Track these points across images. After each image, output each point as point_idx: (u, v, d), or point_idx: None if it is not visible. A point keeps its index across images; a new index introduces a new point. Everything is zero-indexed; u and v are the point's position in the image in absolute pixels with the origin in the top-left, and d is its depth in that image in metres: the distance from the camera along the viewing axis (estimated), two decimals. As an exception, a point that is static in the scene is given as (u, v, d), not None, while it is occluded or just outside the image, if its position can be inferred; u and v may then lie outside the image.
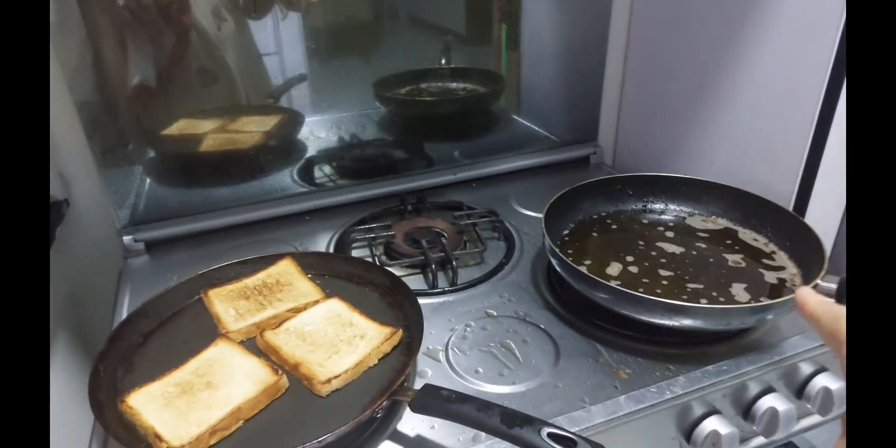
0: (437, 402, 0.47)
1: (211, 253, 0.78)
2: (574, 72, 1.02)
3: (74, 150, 0.74)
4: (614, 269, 0.69)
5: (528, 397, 0.56)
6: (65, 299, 0.74)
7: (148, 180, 0.85)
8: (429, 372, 0.59)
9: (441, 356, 0.61)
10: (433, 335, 0.64)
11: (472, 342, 0.63)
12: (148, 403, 0.50)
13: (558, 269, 0.65)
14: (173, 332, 0.61)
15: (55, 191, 0.74)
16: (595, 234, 0.76)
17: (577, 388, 0.57)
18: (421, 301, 0.68)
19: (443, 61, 1.02)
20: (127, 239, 0.78)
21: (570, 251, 0.72)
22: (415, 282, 0.73)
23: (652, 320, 0.58)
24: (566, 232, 0.76)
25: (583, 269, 0.62)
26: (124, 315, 0.63)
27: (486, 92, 1.06)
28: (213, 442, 0.48)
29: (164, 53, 0.77)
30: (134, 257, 0.79)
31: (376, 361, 0.56)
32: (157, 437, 0.47)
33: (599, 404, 0.55)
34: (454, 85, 1.05)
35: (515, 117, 1.10)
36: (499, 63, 1.02)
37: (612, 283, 0.59)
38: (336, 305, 0.62)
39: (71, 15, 0.69)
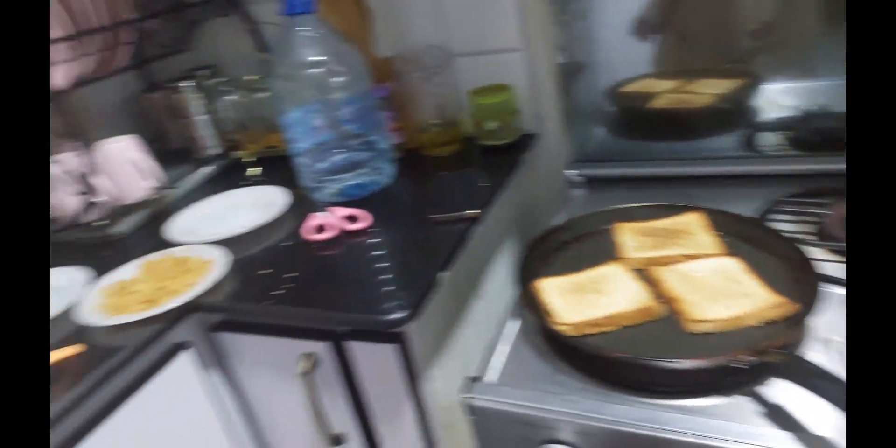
0: (801, 371, 0.44)
1: (636, 196, 0.85)
2: None
3: (549, 97, 0.94)
4: None
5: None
6: (522, 206, 0.96)
7: (598, 128, 0.98)
8: (815, 358, 0.54)
9: (837, 349, 0.54)
10: (841, 327, 0.57)
11: (887, 349, 0.53)
12: (549, 290, 0.64)
13: None
14: (582, 246, 0.74)
15: (531, 126, 0.95)
16: None
17: None
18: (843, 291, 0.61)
19: None
20: (572, 172, 0.95)
21: None
22: (842, 270, 0.64)
23: None
24: None
25: None
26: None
27: None
28: (587, 332, 0.58)
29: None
30: (576, 188, 0.95)
31: (755, 323, 0.55)
32: (547, 313, 0.60)
33: None
34: None
35: None
36: None
37: None
38: (731, 264, 0.62)
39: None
